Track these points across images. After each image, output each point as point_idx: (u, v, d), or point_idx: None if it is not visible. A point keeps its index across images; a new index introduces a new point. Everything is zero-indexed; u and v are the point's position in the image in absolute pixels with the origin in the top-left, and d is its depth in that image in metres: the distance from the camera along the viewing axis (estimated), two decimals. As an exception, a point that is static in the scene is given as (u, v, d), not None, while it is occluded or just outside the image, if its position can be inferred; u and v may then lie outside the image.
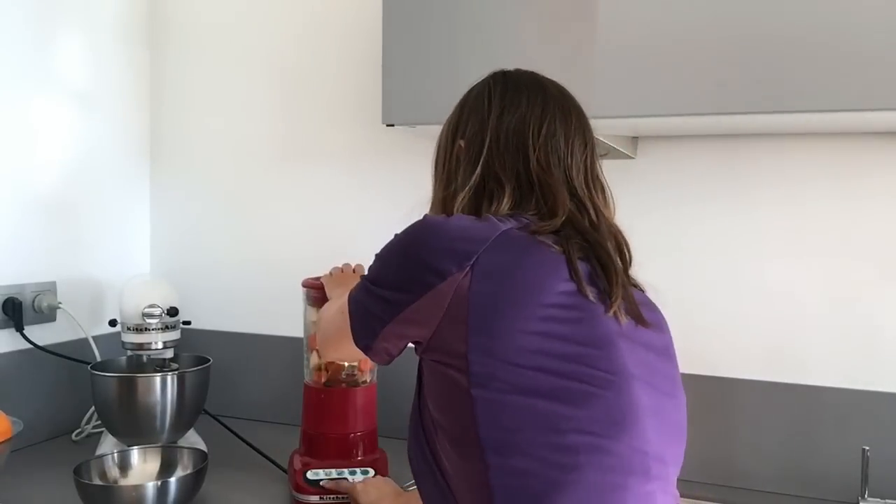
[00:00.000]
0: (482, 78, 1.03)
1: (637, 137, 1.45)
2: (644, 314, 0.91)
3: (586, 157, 0.97)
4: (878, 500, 1.27)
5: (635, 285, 0.96)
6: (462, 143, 0.99)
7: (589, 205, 0.95)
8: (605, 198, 0.98)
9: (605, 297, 0.86)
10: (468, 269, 0.83)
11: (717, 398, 1.42)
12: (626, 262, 0.96)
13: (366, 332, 0.92)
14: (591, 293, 0.85)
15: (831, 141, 1.37)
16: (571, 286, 0.85)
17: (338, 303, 1.02)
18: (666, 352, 0.94)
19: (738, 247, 1.43)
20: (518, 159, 0.95)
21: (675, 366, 0.96)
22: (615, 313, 0.86)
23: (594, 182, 0.98)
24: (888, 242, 1.35)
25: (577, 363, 0.82)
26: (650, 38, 1.19)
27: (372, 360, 0.96)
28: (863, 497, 1.27)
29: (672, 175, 1.46)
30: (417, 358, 0.94)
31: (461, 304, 0.83)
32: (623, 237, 0.96)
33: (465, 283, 0.83)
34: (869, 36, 1.09)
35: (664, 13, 1.18)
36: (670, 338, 0.97)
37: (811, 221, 1.39)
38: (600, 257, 0.89)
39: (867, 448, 1.27)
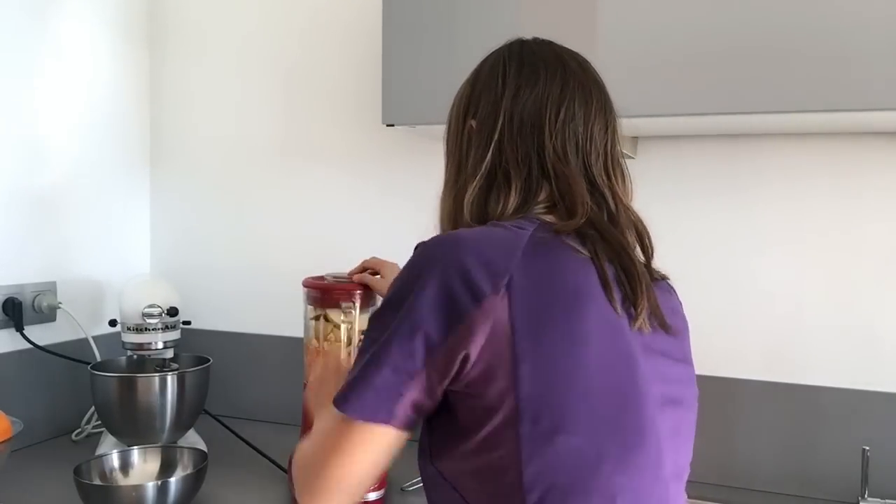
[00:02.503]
0: (497, 47, 0.94)
1: (637, 137, 1.45)
2: (668, 321, 0.85)
3: (606, 141, 0.89)
4: (878, 500, 1.28)
5: (656, 277, 0.90)
6: (473, 123, 0.91)
7: (608, 194, 0.88)
8: (624, 183, 0.91)
9: (630, 307, 0.80)
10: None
11: (717, 398, 1.42)
12: (648, 255, 0.89)
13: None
14: (618, 305, 0.79)
15: (831, 141, 1.37)
16: (603, 302, 0.79)
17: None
18: (675, 358, 0.88)
19: (738, 247, 1.43)
20: (532, 146, 0.87)
21: (691, 366, 0.91)
22: (640, 327, 0.80)
23: (614, 167, 0.90)
24: (888, 242, 1.35)
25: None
26: (650, 38, 1.19)
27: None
28: (863, 497, 1.27)
29: (672, 175, 1.46)
30: None
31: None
32: (643, 226, 0.89)
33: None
34: (868, 36, 1.09)
35: (664, 13, 1.18)
36: (688, 341, 0.92)
37: (811, 222, 1.39)
38: (623, 261, 0.82)
39: (867, 448, 1.27)
